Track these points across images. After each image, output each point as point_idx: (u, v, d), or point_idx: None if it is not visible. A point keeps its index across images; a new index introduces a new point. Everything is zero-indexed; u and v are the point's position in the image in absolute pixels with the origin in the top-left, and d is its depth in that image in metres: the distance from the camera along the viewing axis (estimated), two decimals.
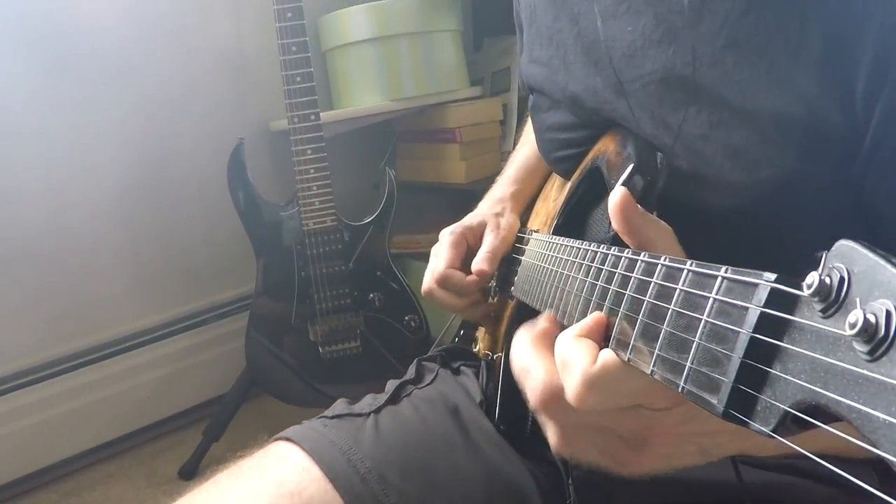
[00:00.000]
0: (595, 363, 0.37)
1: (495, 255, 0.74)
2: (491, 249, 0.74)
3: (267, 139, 1.85)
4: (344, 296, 1.54)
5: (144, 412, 1.77)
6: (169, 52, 1.73)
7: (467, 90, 1.87)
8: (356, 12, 1.75)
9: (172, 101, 1.75)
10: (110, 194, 1.68)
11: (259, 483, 0.62)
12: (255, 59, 1.84)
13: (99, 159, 1.65)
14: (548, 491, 0.66)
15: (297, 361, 1.56)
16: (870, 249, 0.23)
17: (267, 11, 1.49)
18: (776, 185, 0.50)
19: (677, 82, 0.53)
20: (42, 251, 1.60)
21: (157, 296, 1.79)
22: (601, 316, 0.41)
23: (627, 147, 0.55)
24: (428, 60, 1.78)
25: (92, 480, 1.65)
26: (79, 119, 1.62)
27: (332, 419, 0.70)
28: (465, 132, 1.80)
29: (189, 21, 1.75)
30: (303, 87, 1.47)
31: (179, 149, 1.77)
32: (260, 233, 1.53)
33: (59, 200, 1.61)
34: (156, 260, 1.77)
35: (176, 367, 1.81)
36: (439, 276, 0.75)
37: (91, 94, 1.63)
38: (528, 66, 0.72)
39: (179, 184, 1.78)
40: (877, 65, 0.44)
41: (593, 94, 0.61)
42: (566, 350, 0.39)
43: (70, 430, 1.65)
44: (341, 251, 1.53)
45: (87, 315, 1.68)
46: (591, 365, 0.37)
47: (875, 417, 0.21)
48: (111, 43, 1.64)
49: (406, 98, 1.77)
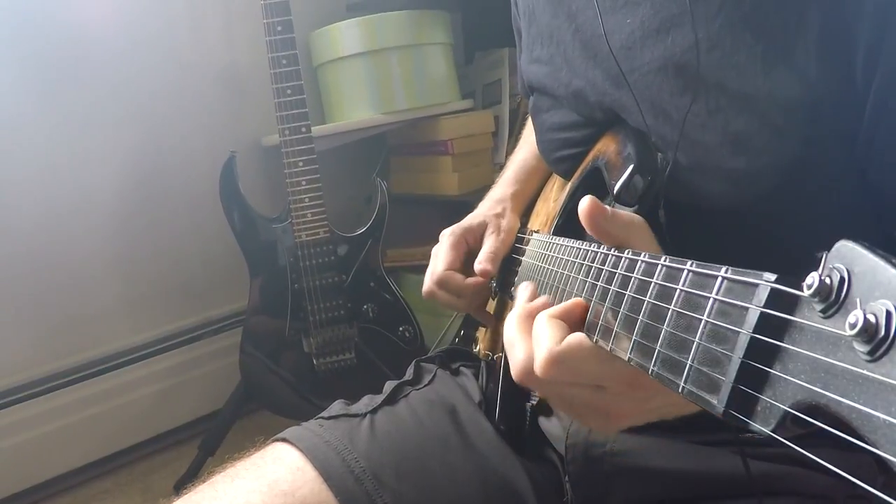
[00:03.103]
0: (561, 342, 0.41)
1: (497, 256, 0.75)
2: (492, 250, 0.75)
3: (259, 155, 1.85)
4: (338, 307, 1.53)
5: (140, 428, 1.75)
6: (161, 67, 1.73)
7: (459, 103, 1.87)
8: (347, 27, 1.76)
9: (165, 116, 1.74)
10: (103, 210, 1.68)
11: (253, 483, 0.62)
12: (247, 75, 1.84)
13: (91, 174, 1.65)
14: (544, 491, 0.66)
15: (291, 375, 1.55)
16: (870, 250, 0.23)
17: (257, 26, 1.50)
18: (778, 173, 0.50)
19: (676, 70, 0.54)
20: (34, 266, 1.59)
21: (150, 311, 1.78)
22: (581, 301, 0.45)
23: (627, 147, 0.56)
24: (419, 73, 1.79)
25: (87, 497, 1.63)
26: (71, 134, 1.61)
27: (329, 420, 0.70)
28: (458, 144, 1.80)
29: (181, 37, 1.76)
30: (293, 100, 1.48)
31: (172, 164, 1.77)
32: (253, 246, 1.53)
33: (52, 216, 1.60)
34: (149, 275, 1.76)
35: (171, 382, 1.79)
36: (438, 279, 0.76)
37: (83, 110, 1.62)
38: (528, 67, 0.73)
39: (172, 199, 1.77)
40: (873, 45, 0.44)
41: (594, 87, 0.61)
42: (539, 328, 0.44)
43: (65, 446, 1.64)
44: (334, 263, 1.53)
45: (81, 331, 1.67)
46: (557, 344, 0.41)
47: (875, 417, 0.22)
48: (103, 58, 1.64)
49: (398, 111, 1.77)
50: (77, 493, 1.65)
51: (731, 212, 0.53)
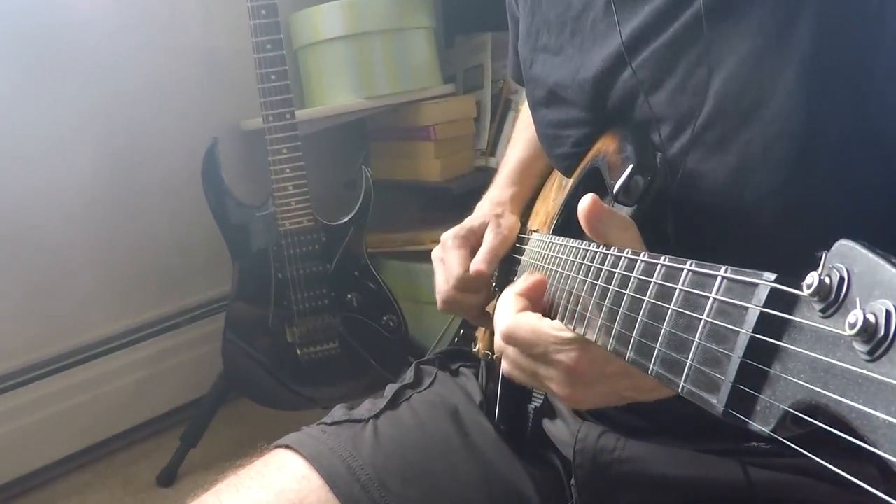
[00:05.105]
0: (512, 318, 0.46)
1: (495, 255, 0.74)
2: (490, 249, 0.74)
3: (239, 138, 1.83)
4: (321, 296, 1.52)
5: (119, 418, 1.73)
6: (139, 51, 1.70)
7: (440, 87, 1.86)
8: (328, 9, 1.73)
9: (143, 100, 1.71)
10: (81, 196, 1.65)
11: (259, 493, 0.62)
12: (225, 58, 1.81)
13: (68, 161, 1.62)
14: (547, 493, 0.67)
15: (274, 363, 1.54)
16: (870, 249, 0.23)
17: (237, 9, 1.47)
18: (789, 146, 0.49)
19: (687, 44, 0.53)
20: (9, 254, 1.56)
21: (129, 299, 1.75)
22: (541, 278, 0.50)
23: (627, 147, 0.55)
24: (401, 58, 1.77)
25: (68, 490, 1.61)
26: (47, 120, 1.58)
27: (332, 426, 0.70)
28: (440, 129, 1.79)
29: (159, 20, 1.72)
30: (278, 86, 1.45)
31: (150, 149, 1.74)
32: (235, 234, 1.51)
33: (28, 203, 1.57)
34: (128, 262, 1.74)
35: (150, 371, 1.78)
36: (458, 282, 0.74)
37: (59, 94, 1.59)
38: (531, 55, 0.71)
39: (151, 184, 1.75)
40: None
41: (608, 74, 0.60)
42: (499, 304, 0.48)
43: (43, 439, 1.61)
44: (318, 251, 1.52)
45: (58, 320, 1.64)
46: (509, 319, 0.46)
47: (875, 417, 0.22)
48: (79, 42, 1.61)
49: (379, 96, 1.76)
50: (57, 487, 1.63)
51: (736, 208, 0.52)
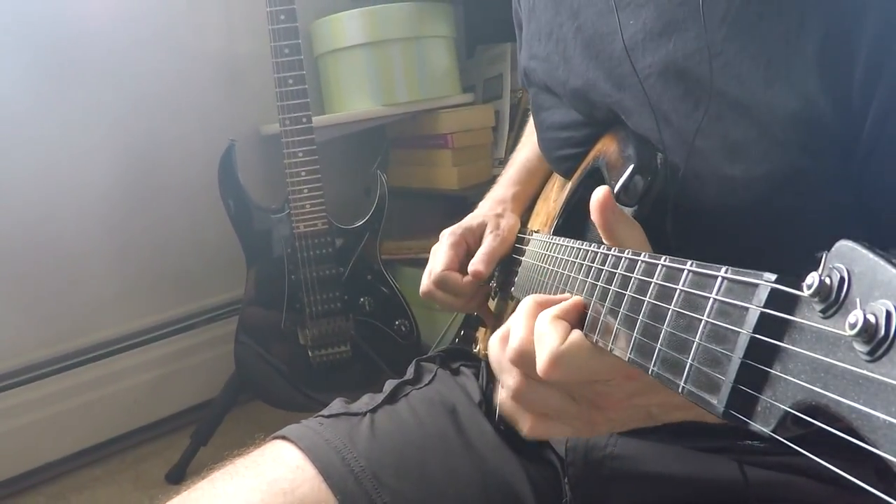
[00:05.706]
0: (563, 343, 0.42)
1: (493, 257, 0.74)
2: (488, 251, 0.74)
3: (258, 143, 1.85)
4: (334, 300, 1.53)
5: (132, 416, 1.75)
6: (159, 55, 1.72)
7: (459, 96, 1.87)
8: (349, 17, 1.75)
9: (163, 104, 1.74)
10: (100, 197, 1.67)
11: (253, 481, 0.62)
12: (246, 62, 1.83)
13: (89, 163, 1.64)
14: (543, 492, 0.66)
15: (286, 366, 1.55)
16: (870, 250, 0.23)
17: (258, 15, 1.49)
18: (774, 182, 0.50)
19: (677, 75, 0.53)
20: (30, 253, 1.58)
21: (145, 299, 1.77)
22: (580, 300, 0.46)
23: (628, 148, 0.55)
24: (421, 66, 1.78)
25: (78, 484, 1.63)
26: (68, 122, 1.60)
27: (329, 418, 0.70)
28: (458, 138, 1.80)
29: (179, 25, 1.75)
30: (295, 90, 1.47)
31: (170, 152, 1.76)
32: (250, 236, 1.52)
33: (49, 203, 1.60)
34: (145, 262, 1.76)
35: (164, 370, 1.79)
36: (436, 278, 0.76)
37: (81, 97, 1.62)
38: (528, 62, 0.72)
39: (170, 187, 1.77)
40: (873, 61, 0.44)
41: (594, 87, 0.61)
42: (542, 327, 0.44)
43: (57, 433, 1.63)
44: (332, 255, 1.53)
45: (75, 318, 1.66)
46: (560, 344, 0.42)
47: (875, 417, 0.22)
48: (101, 46, 1.63)
49: (398, 103, 1.77)
50: (68, 481, 1.64)
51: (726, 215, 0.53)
